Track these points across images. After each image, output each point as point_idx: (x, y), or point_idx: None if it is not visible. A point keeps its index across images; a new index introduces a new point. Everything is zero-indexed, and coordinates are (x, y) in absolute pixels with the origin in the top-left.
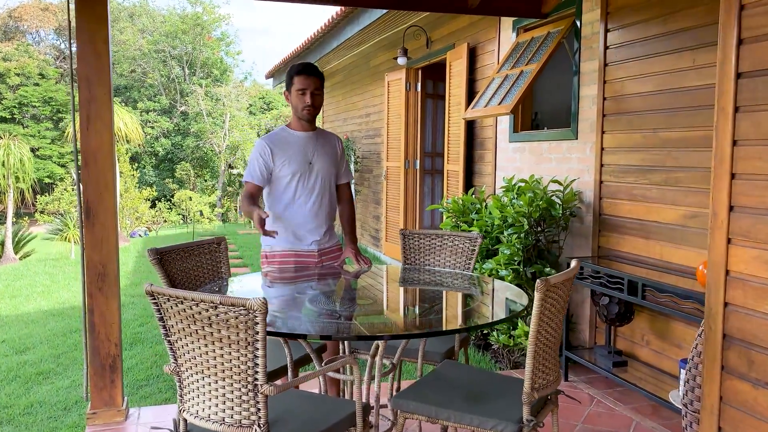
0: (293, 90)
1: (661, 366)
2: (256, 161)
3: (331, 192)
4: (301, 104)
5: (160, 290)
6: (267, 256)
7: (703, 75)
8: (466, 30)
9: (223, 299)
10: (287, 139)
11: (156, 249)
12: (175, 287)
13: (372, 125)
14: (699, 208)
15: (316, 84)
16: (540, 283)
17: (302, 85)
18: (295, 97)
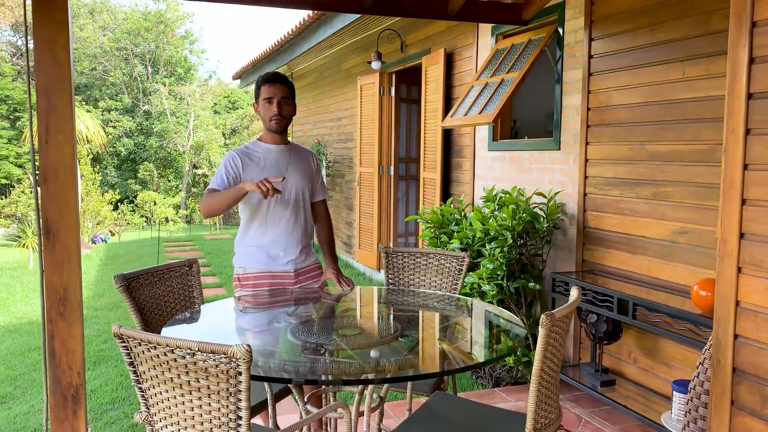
0: (260, 100)
1: (649, 385)
2: (224, 169)
3: (306, 209)
4: (268, 114)
5: (129, 333)
6: (240, 279)
7: (694, 87)
8: (443, 35)
9: (201, 346)
10: (259, 153)
11: (123, 275)
12: (144, 316)
13: (344, 129)
14: (689, 223)
15: (283, 92)
16: (545, 318)
17: (269, 94)
18: (263, 108)
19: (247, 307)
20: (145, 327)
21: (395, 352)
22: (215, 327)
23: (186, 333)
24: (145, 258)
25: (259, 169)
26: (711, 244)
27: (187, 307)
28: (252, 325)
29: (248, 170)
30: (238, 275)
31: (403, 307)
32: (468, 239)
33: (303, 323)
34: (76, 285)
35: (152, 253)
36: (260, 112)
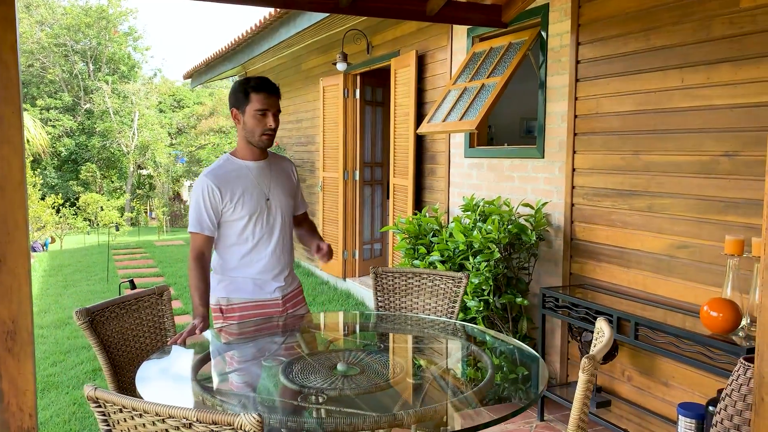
0: (249, 109)
1: (645, 405)
2: (202, 206)
3: (290, 229)
4: (260, 127)
5: (108, 397)
6: (223, 310)
7: (694, 96)
8: (413, 36)
9: (201, 414)
10: (238, 173)
11: (86, 310)
12: (111, 354)
13: (305, 132)
14: (689, 238)
15: (278, 104)
16: (588, 362)
17: (264, 105)
18: (252, 119)
19: (231, 341)
20: (113, 368)
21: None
22: (197, 372)
23: (165, 383)
24: (93, 268)
25: (240, 194)
26: (713, 260)
27: (159, 340)
28: (237, 364)
29: (229, 198)
30: (221, 306)
31: (401, 337)
32: (449, 252)
33: (294, 361)
34: (27, 316)
35: (99, 262)
36: (246, 122)
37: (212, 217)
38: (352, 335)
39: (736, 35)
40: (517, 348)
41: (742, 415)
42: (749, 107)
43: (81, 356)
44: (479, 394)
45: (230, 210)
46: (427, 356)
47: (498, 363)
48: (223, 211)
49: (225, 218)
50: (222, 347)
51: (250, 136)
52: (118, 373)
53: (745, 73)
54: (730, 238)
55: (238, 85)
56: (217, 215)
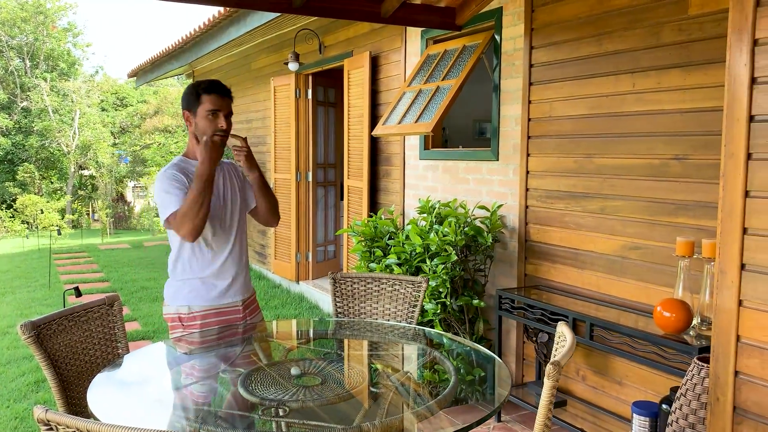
0: (200, 111)
1: (600, 404)
2: (174, 187)
3: (245, 228)
4: (212, 128)
5: (61, 419)
6: (183, 318)
7: (645, 101)
8: (367, 37)
9: None
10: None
11: (32, 323)
12: (58, 369)
13: (255, 132)
14: (640, 239)
15: (229, 106)
16: (553, 368)
17: (215, 106)
18: (204, 120)
19: (189, 350)
20: (61, 383)
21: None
22: (152, 386)
23: (118, 398)
24: (34, 273)
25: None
26: (664, 261)
27: (110, 352)
28: (195, 376)
29: (183, 184)
30: (180, 314)
31: (361, 344)
32: (406, 254)
33: (253, 372)
34: None
35: (40, 267)
36: (196, 123)
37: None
38: (312, 343)
39: (685, 42)
40: (475, 350)
41: (696, 413)
42: (698, 112)
43: (22, 367)
44: (442, 402)
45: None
46: (388, 363)
47: (457, 365)
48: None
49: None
50: (180, 358)
51: (203, 136)
52: (67, 388)
53: (694, 78)
54: (681, 240)
55: (190, 87)
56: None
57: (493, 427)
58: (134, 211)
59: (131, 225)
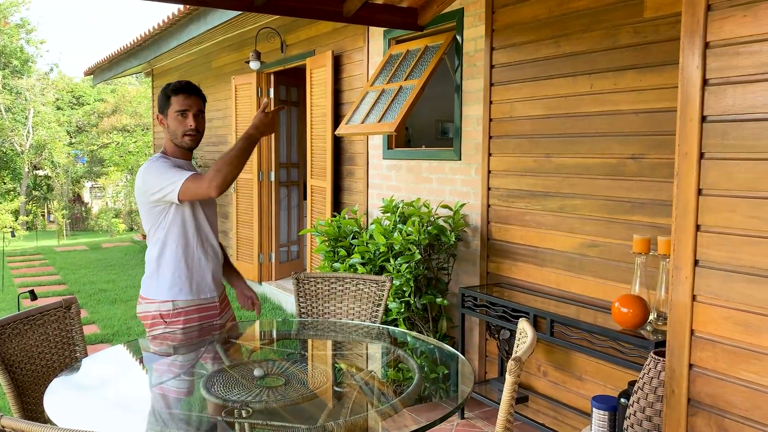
0: (170, 112)
1: (561, 399)
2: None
3: (217, 226)
4: (181, 128)
5: (19, 426)
6: (164, 315)
7: (601, 101)
8: (329, 36)
9: None
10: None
11: None
12: (13, 374)
13: (216, 132)
14: (598, 237)
15: (198, 105)
16: (514, 364)
17: (182, 106)
18: (174, 120)
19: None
20: (16, 388)
21: (335, 407)
22: (111, 388)
23: (76, 403)
24: None
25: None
26: (621, 258)
27: (68, 356)
28: (160, 376)
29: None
30: (161, 312)
31: (325, 344)
32: (369, 254)
33: (215, 374)
34: None
35: None
36: (168, 124)
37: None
38: (275, 344)
39: (641, 44)
40: (439, 348)
41: (653, 406)
42: (653, 112)
43: None
44: (407, 399)
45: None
46: (352, 363)
47: (420, 363)
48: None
49: (171, 210)
50: (153, 357)
51: (173, 137)
52: (23, 393)
53: (649, 80)
54: (638, 237)
55: (161, 90)
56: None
57: (457, 424)
58: (92, 212)
59: (89, 226)
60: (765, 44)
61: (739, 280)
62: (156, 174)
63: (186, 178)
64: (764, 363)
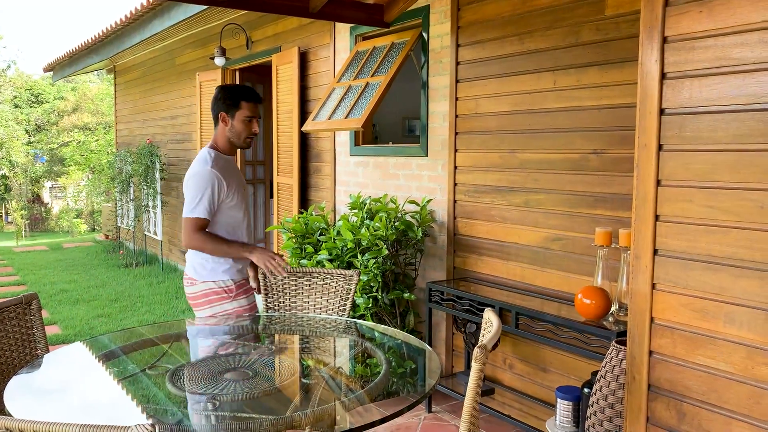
0: (239, 115)
1: (526, 391)
2: (210, 195)
3: None
4: (246, 132)
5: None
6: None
7: (565, 97)
8: (295, 33)
9: (86, 429)
10: (227, 165)
11: None
12: None
13: (180, 129)
14: (562, 230)
15: (260, 112)
16: (479, 351)
17: (252, 113)
18: (241, 124)
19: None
20: None
21: (302, 399)
22: (74, 385)
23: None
24: None
25: (235, 184)
26: (584, 251)
27: (29, 353)
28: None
29: (228, 187)
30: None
31: (292, 338)
32: (337, 250)
33: (180, 368)
34: None
35: None
36: (233, 125)
37: (215, 205)
38: (242, 338)
39: (603, 41)
40: (406, 343)
41: (615, 394)
42: (614, 108)
43: None
44: (374, 391)
45: (230, 198)
46: (318, 356)
47: (388, 356)
48: (224, 200)
49: (225, 206)
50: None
51: (235, 138)
52: None
53: (611, 76)
54: (600, 230)
55: (229, 92)
56: (218, 204)
57: (424, 418)
58: (52, 212)
59: (49, 227)
60: (719, 39)
61: (696, 268)
62: (196, 184)
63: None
64: (720, 348)
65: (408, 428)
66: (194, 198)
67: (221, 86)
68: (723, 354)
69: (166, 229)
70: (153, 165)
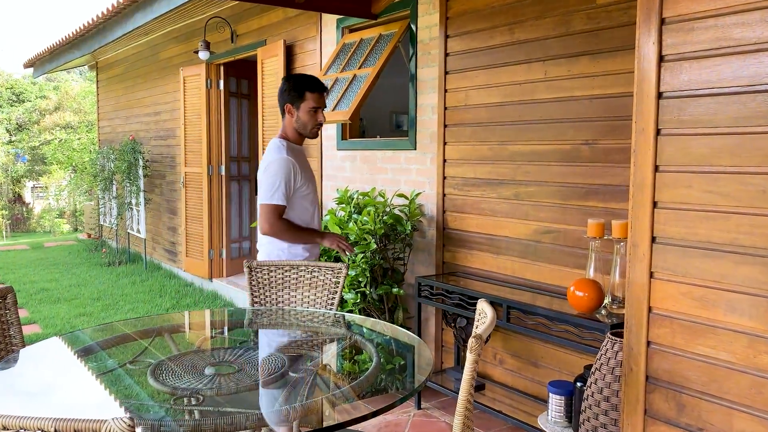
0: (304, 106)
1: (516, 386)
2: (286, 181)
3: None
4: (312, 122)
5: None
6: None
7: (555, 88)
8: (281, 26)
9: (60, 423)
10: (298, 155)
11: None
12: None
13: (164, 125)
14: (553, 223)
15: (325, 102)
16: (475, 342)
17: (317, 104)
18: (307, 114)
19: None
20: None
21: (289, 393)
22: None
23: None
24: None
25: (306, 172)
26: (575, 243)
27: (3, 348)
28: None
29: (300, 175)
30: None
31: (278, 332)
32: None
33: (163, 362)
34: None
35: None
36: (299, 116)
37: (290, 192)
38: (227, 333)
39: (594, 30)
40: (395, 338)
41: (610, 386)
42: (606, 98)
43: None
44: (362, 386)
45: (303, 186)
46: (306, 351)
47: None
48: (297, 188)
49: (297, 194)
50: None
51: (302, 128)
52: None
53: (602, 65)
54: (592, 222)
55: (293, 83)
56: (293, 192)
57: (414, 414)
58: (34, 212)
59: (30, 227)
60: (719, 19)
61: (695, 256)
62: (274, 172)
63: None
64: (720, 337)
65: (397, 425)
66: (272, 185)
67: (286, 77)
68: (724, 343)
69: (149, 227)
70: (136, 162)
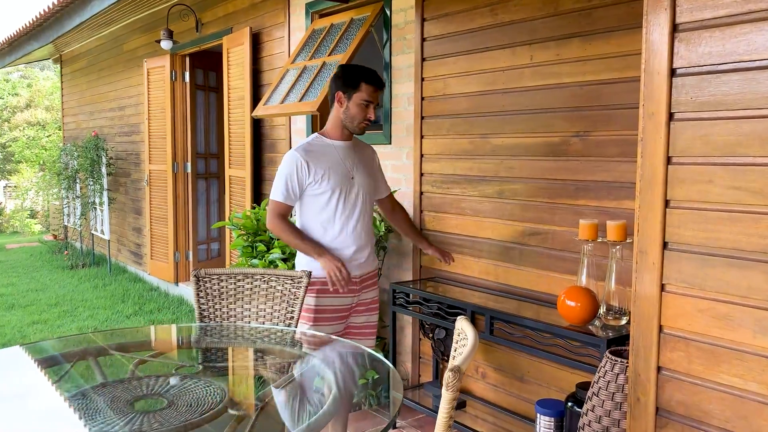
0: (356, 97)
1: (500, 403)
2: (288, 178)
3: (371, 208)
4: (361, 116)
5: None
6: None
7: (543, 74)
8: (247, 12)
9: None
10: (325, 150)
11: None
12: None
13: (128, 120)
14: (540, 224)
15: (379, 98)
16: (453, 376)
17: (371, 98)
18: (357, 107)
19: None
20: None
21: None
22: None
23: None
24: None
25: (326, 169)
26: (565, 246)
27: None
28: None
29: (315, 171)
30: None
31: (225, 355)
32: (291, 249)
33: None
34: None
35: None
36: (349, 108)
37: (296, 189)
38: (166, 355)
39: (585, 8)
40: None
41: (611, 415)
42: (599, 84)
43: None
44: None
45: (316, 183)
46: (257, 376)
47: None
48: (309, 184)
49: (310, 192)
50: None
51: (348, 121)
52: None
53: (595, 48)
54: (584, 222)
55: (350, 71)
56: (301, 189)
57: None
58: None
59: (2, 227)
60: None
61: (717, 265)
62: (281, 170)
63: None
64: (748, 363)
65: None
66: (275, 181)
67: (342, 64)
68: (753, 371)
69: (114, 228)
70: (99, 159)
